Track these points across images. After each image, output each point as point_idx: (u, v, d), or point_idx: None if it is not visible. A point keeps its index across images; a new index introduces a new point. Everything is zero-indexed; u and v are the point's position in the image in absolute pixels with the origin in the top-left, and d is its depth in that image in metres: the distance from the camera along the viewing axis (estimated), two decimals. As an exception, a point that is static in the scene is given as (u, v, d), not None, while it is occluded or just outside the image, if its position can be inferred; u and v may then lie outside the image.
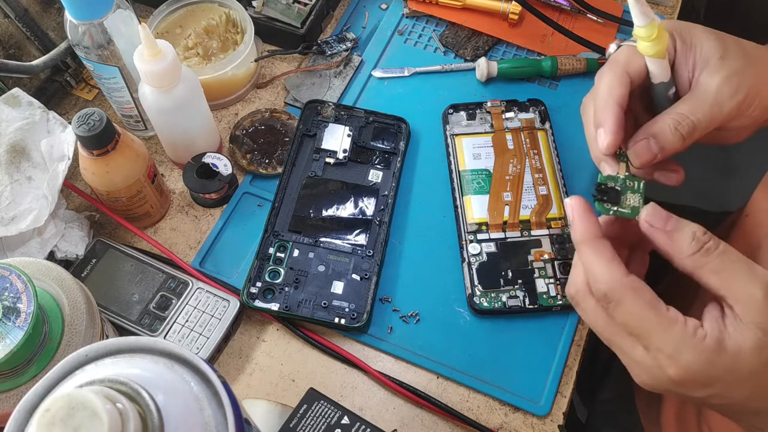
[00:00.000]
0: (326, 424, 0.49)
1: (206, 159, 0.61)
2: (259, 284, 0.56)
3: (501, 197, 0.60)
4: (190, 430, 0.30)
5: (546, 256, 0.57)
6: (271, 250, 0.58)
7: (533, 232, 0.59)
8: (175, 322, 0.55)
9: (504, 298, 0.56)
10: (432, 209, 0.62)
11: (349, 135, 0.64)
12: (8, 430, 0.30)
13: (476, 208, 0.60)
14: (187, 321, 0.55)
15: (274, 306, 0.55)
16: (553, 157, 0.62)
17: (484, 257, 0.58)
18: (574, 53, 0.69)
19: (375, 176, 0.62)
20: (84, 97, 0.69)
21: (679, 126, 0.45)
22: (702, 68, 0.46)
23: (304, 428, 0.49)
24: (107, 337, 0.49)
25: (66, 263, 0.58)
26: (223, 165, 0.61)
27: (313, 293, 0.56)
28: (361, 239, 0.59)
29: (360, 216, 0.60)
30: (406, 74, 0.69)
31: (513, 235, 0.58)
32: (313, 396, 0.51)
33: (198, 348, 0.54)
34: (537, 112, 0.65)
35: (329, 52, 0.70)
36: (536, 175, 0.61)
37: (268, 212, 0.60)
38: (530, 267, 0.57)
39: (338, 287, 0.57)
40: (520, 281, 0.56)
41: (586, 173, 0.62)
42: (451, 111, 0.65)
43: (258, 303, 0.56)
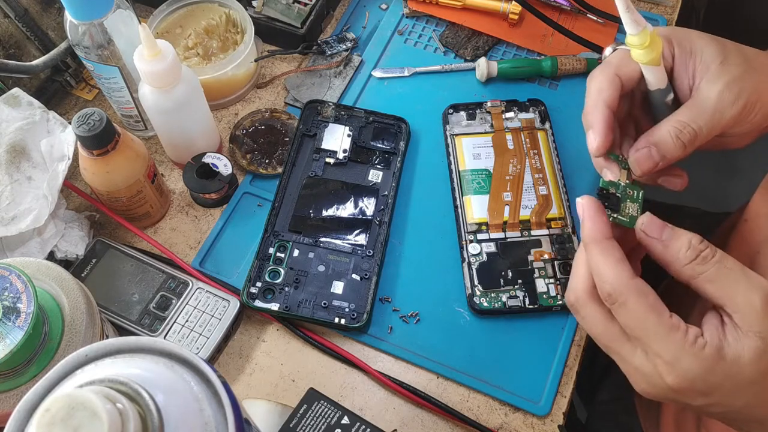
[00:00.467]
0: (326, 424, 0.49)
1: (206, 159, 0.61)
2: (259, 284, 0.56)
3: (501, 197, 0.60)
4: (190, 430, 0.30)
5: (546, 256, 0.57)
6: (271, 250, 0.58)
7: (533, 232, 0.59)
8: (175, 322, 0.55)
9: (504, 298, 0.56)
10: (432, 209, 0.62)
11: (349, 135, 0.64)
12: (8, 430, 0.30)
13: (476, 208, 0.60)
14: (187, 321, 0.55)
15: (274, 306, 0.55)
16: (553, 157, 0.62)
17: (484, 257, 0.58)
18: (574, 53, 0.69)
19: (375, 176, 0.62)
20: (84, 97, 0.69)
21: (681, 134, 0.44)
22: (702, 75, 0.46)
23: (304, 428, 0.49)
24: (107, 337, 0.49)
25: (66, 263, 0.58)
26: (223, 165, 0.61)
27: (313, 293, 0.56)
28: (361, 239, 0.59)
29: (360, 216, 0.60)
30: (406, 74, 0.69)
31: (513, 235, 0.58)
32: (313, 396, 0.51)
33: (198, 348, 0.54)
34: (537, 112, 0.65)
35: (329, 52, 0.70)
36: (536, 175, 0.61)
37: (268, 212, 0.60)
38: (530, 267, 0.57)
39: (338, 287, 0.57)
40: (520, 281, 0.56)
41: (586, 173, 0.62)
42: (451, 111, 0.65)
43: (258, 303, 0.56)
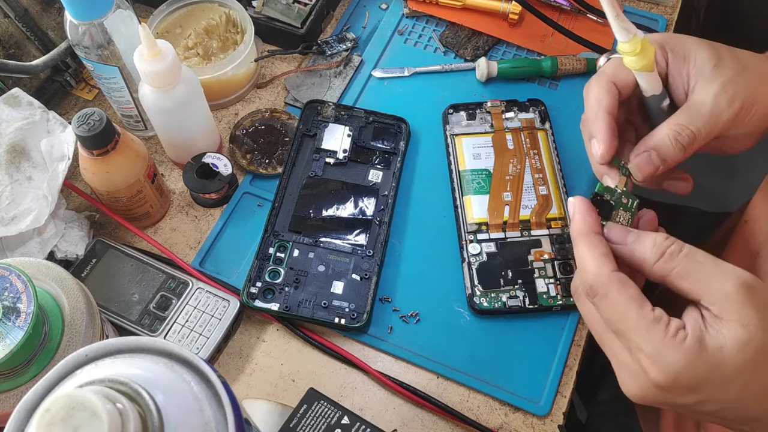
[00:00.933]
0: (326, 424, 0.49)
1: (206, 159, 0.61)
2: (259, 284, 0.56)
3: (501, 197, 0.60)
4: (190, 430, 0.30)
5: (546, 256, 0.57)
6: (271, 250, 0.58)
7: (533, 232, 0.59)
8: (175, 322, 0.55)
9: (504, 298, 0.56)
10: (432, 209, 0.62)
11: (349, 135, 0.64)
12: (8, 430, 0.30)
13: (476, 208, 0.60)
14: (187, 321, 0.55)
15: (274, 306, 0.55)
16: (553, 157, 0.62)
17: (484, 257, 0.58)
18: (574, 53, 0.69)
19: (375, 176, 0.62)
20: (84, 97, 0.69)
21: (679, 137, 0.45)
22: (697, 79, 0.46)
23: (304, 428, 0.49)
24: (107, 337, 0.49)
25: (66, 263, 0.58)
26: (223, 165, 0.61)
27: (313, 293, 0.56)
28: (361, 239, 0.59)
29: (360, 216, 0.60)
30: (406, 74, 0.69)
31: (513, 235, 0.58)
32: (313, 396, 0.51)
33: (198, 348, 0.54)
34: (537, 112, 0.65)
35: (329, 52, 0.70)
36: (536, 175, 0.61)
37: (268, 212, 0.60)
38: (530, 267, 0.57)
39: (338, 287, 0.57)
40: (520, 281, 0.56)
41: (586, 173, 0.62)
42: (451, 111, 0.65)
43: (258, 303, 0.56)
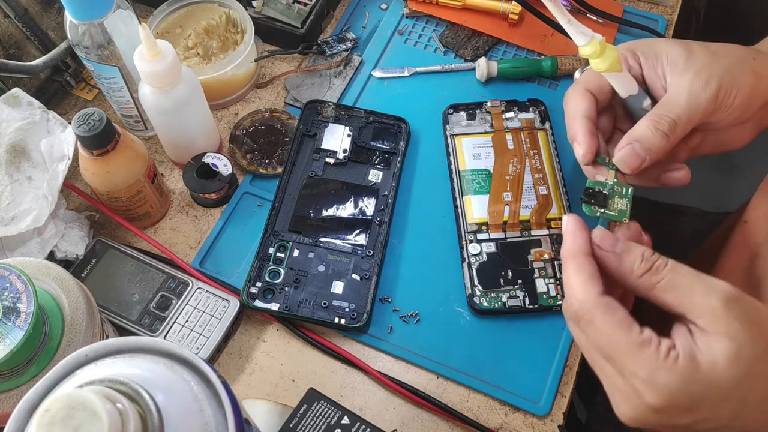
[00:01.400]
0: (326, 424, 0.49)
1: (206, 159, 0.61)
2: (259, 284, 0.56)
3: (501, 197, 0.60)
4: (190, 430, 0.30)
5: (546, 256, 0.57)
6: (271, 250, 0.58)
7: (533, 232, 0.59)
8: (175, 322, 0.55)
9: (504, 298, 0.56)
10: (432, 209, 0.62)
11: (349, 135, 0.64)
12: (8, 430, 0.30)
13: (476, 208, 0.60)
14: (187, 321, 0.55)
15: (274, 306, 0.55)
16: (553, 157, 0.62)
17: (484, 257, 0.58)
18: (574, 53, 0.69)
19: (375, 176, 0.62)
20: (84, 97, 0.69)
21: (659, 125, 0.45)
22: (672, 72, 0.47)
23: (304, 428, 0.49)
24: (107, 337, 0.49)
25: (66, 263, 0.58)
26: (223, 165, 0.61)
27: (313, 293, 0.56)
28: (361, 239, 0.59)
29: (360, 216, 0.60)
30: (406, 74, 0.69)
31: (513, 235, 0.58)
32: (313, 396, 0.51)
33: (198, 348, 0.54)
34: (537, 112, 0.65)
35: (329, 52, 0.70)
36: (536, 175, 0.61)
37: (268, 212, 0.60)
38: (530, 267, 0.57)
39: (338, 287, 0.57)
40: (520, 281, 0.56)
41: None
42: (451, 111, 0.65)
43: (258, 303, 0.56)
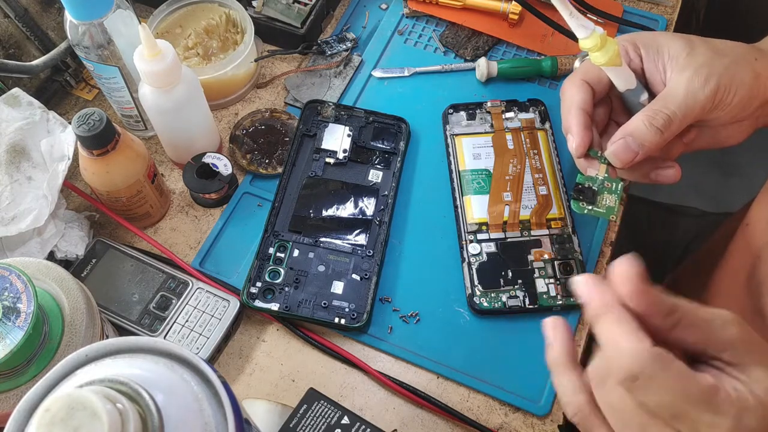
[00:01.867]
0: (326, 424, 0.49)
1: (206, 159, 0.61)
2: (259, 284, 0.56)
3: (501, 197, 0.60)
4: (190, 430, 0.30)
5: (546, 256, 0.57)
6: (271, 250, 0.58)
7: (533, 232, 0.59)
8: (175, 322, 0.55)
9: (504, 298, 0.56)
10: (432, 209, 0.62)
11: (349, 135, 0.64)
12: (8, 430, 0.30)
13: (476, 208, 0.60)
14: (187, 321, 0.55)
15: (274, 306, 0.55)
16: (553, 157, 0.62)
17: (484, 257, 0.58)
18: (574, 53, 0.69)
19: (375, 176, 0.62)
20: (84, 97, 0.69)
21: (654, 120, 0.45)
22: (672, 68, 0.47)
23: (304, 428, 0.49)
24: (107, 337, 0.49)
25: (66, 263, 0.58)
26: (223, 165, 0.61)
27: (313, 293, 0.56)
28: (361, 239, 0.59)
29: (360, 216, 0.60)
30: (406, 74, 0.69)
31: (513, 235, 0.58)
32: (313, 396, 0.51)
33: (198, 348, 0.54)
34: (537, 112, 0.65)
35: (329, 52, 0.70)
36: (536, 175, 0.61)
37: (268, 212, 0.60)
38: (530, 267, 0.57)
39: (338, 287, 0.57)
40: (520, 281, 0.56)
41: (586, 173, 0.63)
42: (451, 111, 0.65)
43: (258, 303, 0.56)
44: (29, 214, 0.53)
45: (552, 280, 0.56)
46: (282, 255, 0.58)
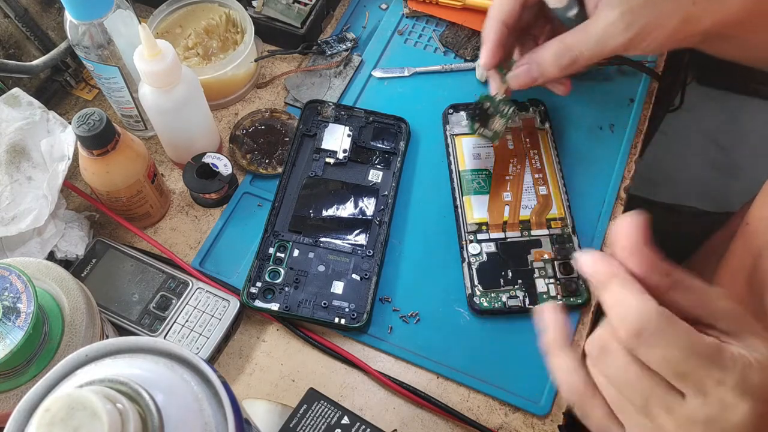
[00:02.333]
0: (326, 424, 0.49)
1: (206, 159, 0.61)
2: (259, 284, 0.56)
3: (501, 197, 0.60)
4: (190, 430, 0.30)
5: (546, 256, 0.57)
6: (271, 250, 0.58)
7: (533, 232, 0.59)
8: (175, 322, 0.55)
9: (504, 298, 0.56)
10: (432, 209, 0.62)
11: (349, 135, 0.64)
12: (8, 430, 0.30)
13: (476, 208, 0.60)
14: (187, 321, 0.55)
15: (274, 306, 0.55)
16: (553, 157, 0.62)
17: (484, 257, 0.58)
18: (574, 53, 0.69)
19: (375, 176, 0.62)
20: (84, 97, 0.69)
21: (560, 58, 0.47)
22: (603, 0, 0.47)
23: (304, 428, 0.49)
24: (107, 337, 0.49)
25: (66, 263, 0.58)
26: (223, 165, 0.61)
27: (313, 293, 0.56)
28: (361, 239, 0.59)
29: (360, 216, 0.60)
30: (406, 74, 0.69)
31: (513, 235, 0.58)
32: (313, 396, 0.51)
33: (198, 348, 0.54)
34: (537, 112, 0.65)
35: (329, 52, 0.70)
36: (536, 175, 0.61)
37: (268, 212, 0.60)
38: (530, 267, 0.57)
39: (338, 287, 0.57)
40: (520, 281, 0.56)
41: (586, 173, 0.62)
42: (451, 111, 0.65)
43: (258, 303, 0.56)
44: (29, 214, 0.53)
45: (552, 280, 0.56)
46: (282, 255, 0.58)
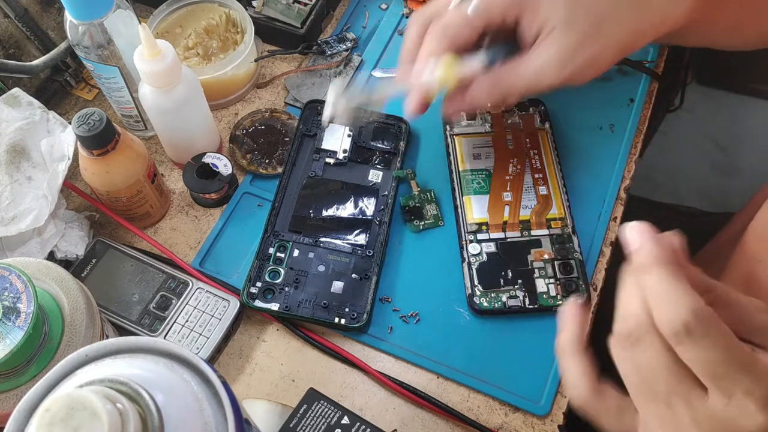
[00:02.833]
0: (326, 424, 0.49)
1: (206, 159, 0.61)
2: (259, 284, 0.56)
3: (501, 197, 0.60)
4: (190, 430, 0.30)
5: (546, 256, 0.57)
6: (271, 250, 0.58)
7: (533, 232, 0.59)
8: (175, 322, 0.55)
9: (504, 298, 0.56)
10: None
11: (349, 135, 0.64)
12: (8, 430, 0.30)
13: (476, 208, 0.60)
14: (187, 321, 0.55)
15: (274, 306, 0.55)
16: (553, 157, 0.62)
17: (484, 257, 0.58)
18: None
19: (375, 176, 0.62)
20: (84, 97, 0.69)
21: (491, 95, 0.49)
22: (545, 35, 0.47)
23: (304, 428, 0.49)
24: (107, 337, 0.49)
25: (66, 263, 0.58)
26: (223, 165, 0.61)
27: (313, 293, 0.56)
28: (361, 239, 0.59)
29: (360, 216, 0.60)
30: (406, 74, 0.69)
31: (513, 235, 0.58)
32: (313, 396, 0.51)
33: (198, 348, 0.54)
34: (537, 112, 0.65)
35: (329, 52, 0.70)
36: (536, 175, 0.61)
37: (268, 212, 0.60)
38: (530, 267, 0.57)
39: (338, 287, 0.57)
40: (520, 281, 0.56)
41: (586, 173, 0.62)
42: (451, 111, 0.65)
43: (258, 303, 0.56)
44: (29, 214, 0.53)
45: (552, 280, 0.56)
46: (282, 255, 0.58)
